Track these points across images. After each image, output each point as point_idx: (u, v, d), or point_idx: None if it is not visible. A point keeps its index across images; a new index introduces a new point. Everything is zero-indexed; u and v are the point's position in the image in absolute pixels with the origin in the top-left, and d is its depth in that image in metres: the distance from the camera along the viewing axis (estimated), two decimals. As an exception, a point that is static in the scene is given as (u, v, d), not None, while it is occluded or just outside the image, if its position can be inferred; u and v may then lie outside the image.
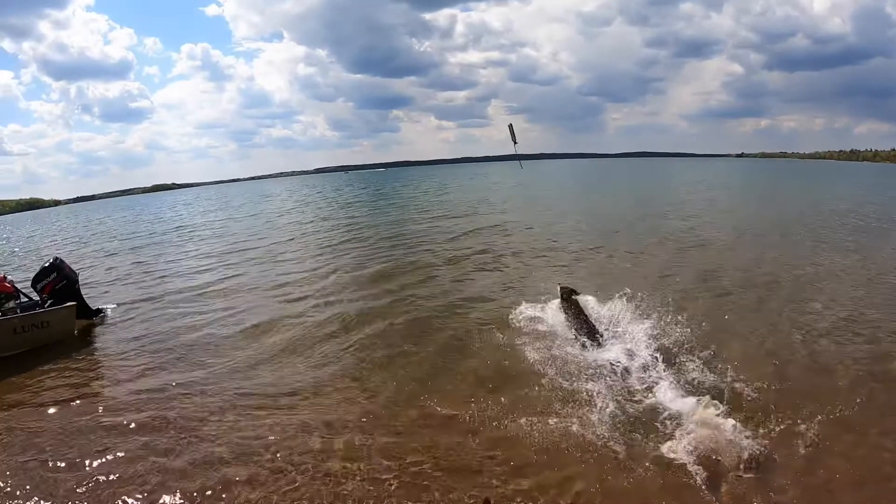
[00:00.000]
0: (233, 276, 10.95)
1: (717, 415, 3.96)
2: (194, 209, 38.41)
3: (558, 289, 6.77)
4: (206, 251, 15.12)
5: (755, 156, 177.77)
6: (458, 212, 20.86)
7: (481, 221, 16.93)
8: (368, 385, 5.26)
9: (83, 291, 8.62)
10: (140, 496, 3.71)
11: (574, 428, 4.13)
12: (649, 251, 11.09)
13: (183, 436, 4.47)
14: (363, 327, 6.97)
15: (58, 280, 8.02)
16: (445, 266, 10.35)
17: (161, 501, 3.65)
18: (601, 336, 5.73)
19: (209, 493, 3.70)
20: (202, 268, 12.35)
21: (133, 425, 4.71)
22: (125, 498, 3.71)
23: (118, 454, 4.27)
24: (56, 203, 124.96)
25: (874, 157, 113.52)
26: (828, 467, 3.67)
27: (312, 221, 21.64)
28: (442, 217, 19.40)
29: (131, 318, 8.40)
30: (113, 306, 8.98)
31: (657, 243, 11.89)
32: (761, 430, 4.00)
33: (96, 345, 7.41)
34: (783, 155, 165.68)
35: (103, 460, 4.21)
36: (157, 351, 6.67)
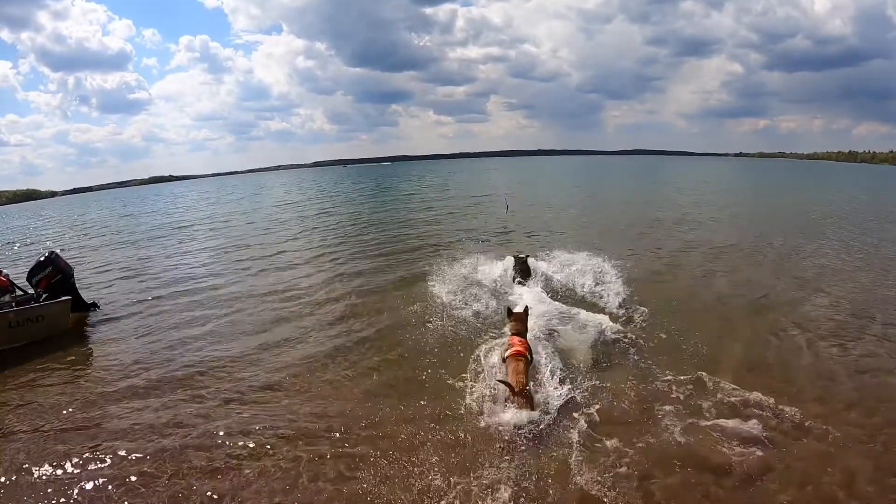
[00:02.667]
0: (234, 278, 10.54)
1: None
2: (194, 202, 37.92)
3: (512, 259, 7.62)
4: (207, 247, 14.80)
5: (753, 155, 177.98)
6: (464, 211, 20.42)
7: (489, 222, 16.49)
8: (384, 428, 4.49)
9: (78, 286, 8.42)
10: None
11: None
12: (674, 258, 10.69)
13: (178, 469, 4.04)
14: (374, 346, 6.31)
15: (53, 274, 7.84)
16: (456, 271, 9.09)
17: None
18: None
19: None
20: (202, 266, 12.02)
21: (123, 452, 4.29)
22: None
23: (108, 481, 3.90)
24: (53, 194, 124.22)
25: (872, 158, 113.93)
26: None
27: (318, 215, 21.36)
28: (448, 216, 18.97)
29: (128, 320, 8.03)
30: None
31: (680, 249, 11.46)
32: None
33: (91, 348, 7.11)
34: (782, 155, 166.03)
35: (88, 487, 3.85)
36: (152, 363, 6.17)
